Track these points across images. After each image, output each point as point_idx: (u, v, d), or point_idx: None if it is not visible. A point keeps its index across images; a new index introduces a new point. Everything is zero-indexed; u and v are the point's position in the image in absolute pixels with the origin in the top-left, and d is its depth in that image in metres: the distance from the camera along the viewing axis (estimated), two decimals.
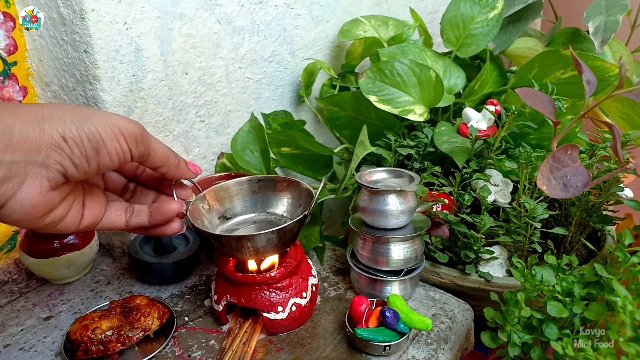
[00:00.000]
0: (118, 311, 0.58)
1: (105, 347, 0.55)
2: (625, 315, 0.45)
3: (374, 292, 0.66)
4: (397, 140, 0.79)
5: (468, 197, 0.69)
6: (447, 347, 0.60)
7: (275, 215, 0.67)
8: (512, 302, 0.52)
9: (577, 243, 0.75)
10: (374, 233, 0.64)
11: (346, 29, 0.98)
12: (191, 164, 0.51)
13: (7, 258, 0.75)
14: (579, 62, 0.53)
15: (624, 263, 0.51)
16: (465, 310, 0.66)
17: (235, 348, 0.58)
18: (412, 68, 0.81)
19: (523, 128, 0.75)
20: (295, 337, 0.61)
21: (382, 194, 0.62)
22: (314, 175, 0.89)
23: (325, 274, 0.74)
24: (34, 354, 0.58)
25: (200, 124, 0.80)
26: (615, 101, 0.80)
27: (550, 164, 0.47)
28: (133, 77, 0.68)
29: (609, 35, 0.84)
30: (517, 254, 0.71)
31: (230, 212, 0.67)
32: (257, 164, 0.80)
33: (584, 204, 0.71)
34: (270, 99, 0.93)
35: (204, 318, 0.64)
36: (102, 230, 0.48)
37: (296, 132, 0.81)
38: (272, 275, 0.58)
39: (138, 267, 0.70)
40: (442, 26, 0.94)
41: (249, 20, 0.83)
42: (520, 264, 0.55)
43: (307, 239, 0.73)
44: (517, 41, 0.94)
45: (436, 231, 0.73)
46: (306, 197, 0.63)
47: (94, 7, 0.61)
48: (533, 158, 0.66)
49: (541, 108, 0.52)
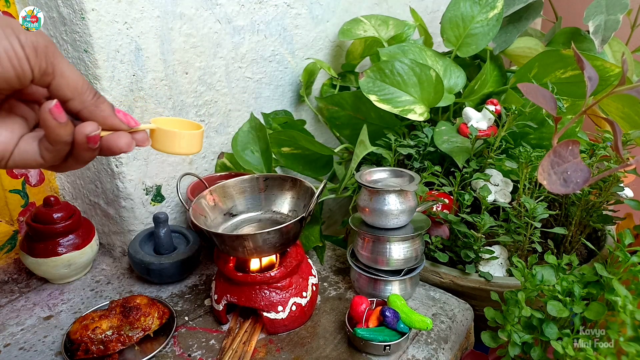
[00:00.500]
0: (118, 311, 0.58)
1: (105, 346, 0.55)
2: (625, 314, 0.45)
3: (374, 291, 0.66)
4: (397, 140, 0.79)
5: (468, 197, 0.69)
6: (447, 347, 0.60)
7: (280, 214, 0.67)
8: (512, 301, 0.52)
9: (577, 243, 0.75)
10: (374, 233, 0.64)
11: (346, 29, 0.98)
12: (122, 112, 0.40)
13: (7, 258, 0.75)
14: (580, 59, 0.53)
15: (624, 263, 0.51)
16: (465, 310, 0.66)
17: (236, 347, 0.58)
18: (413, 68, 0.81)
19: (523, 128, 0.75)
20: (296, 336, 0.61)
21: (382, 193, 0.62)
22: (314, 175, 0.89)
23: (325, 273, 0.74)
24: (34, 353, 0.58)
25: (201, 123, 0.80)
26: (615, 101, 0.80)
27: (551, 159, 0.47)
28: (133, 77, 0.68)
29: (609, 34, 0.84)
30: (517, 254, 0.71)
31: (236, 209, 0.67)
32: (258, 164, 0.80)
33: (584, 203, 0.71)
34: (270, 99, 0.93)
35: (204, 317, 0.64)
36: (16, 167, 0.38)
37: (296, 132, 0.81)
38: (272, 274, 0.58)
39: (138, 266, 0.70)
40: (442, 26, 0.94)
41: (249, 20, 0.83)
42: (521, 264, 0.55)
43: (307, 239, 0.73)
44: (517, 41, 0.94)
45: (436, 231, 0.73)
46: (310, 197, 0.63)
47: (94, 6, 0.61)
48: (533, 158, 0.66)
49: (542, 103, 0.52)
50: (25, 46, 0.33)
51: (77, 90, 0.36)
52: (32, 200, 0.77)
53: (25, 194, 0.76)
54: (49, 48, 0.34)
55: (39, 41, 0.33)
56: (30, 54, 0.33)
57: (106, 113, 0.38)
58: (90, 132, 0.36)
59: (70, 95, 0.36)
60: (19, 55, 0.33)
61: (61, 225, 0.68)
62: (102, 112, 0.38)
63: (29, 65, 0.33)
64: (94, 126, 0.37)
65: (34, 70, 0.34)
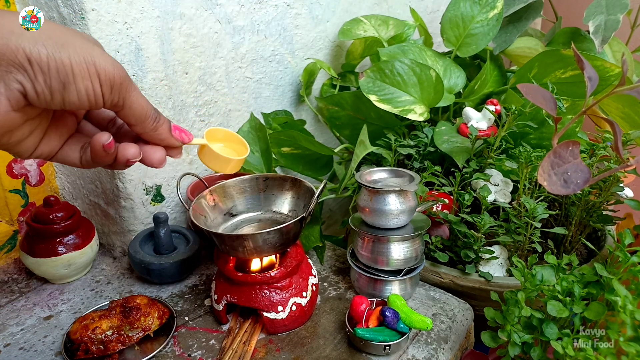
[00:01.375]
0: (118, 311, 0.58)
1: (105, 346, 0.55)
2: (625, 314, 0.45)
3: (374, 291, 0.66)
4: (397, 140, 0.79)
5: (468, 197, 0.69)
6: (447, 347, 0.60)
7: (280, 214, 0.67)
8: (512, 301, 0.52)
9: (577, 243, 0.75)
10: (374, 233, 0.64)
11: (346, 29, 0.98)
12: (178, 129, 0.45)
13: (7, 258, 0.75)
14: (580, 59, 0.53)
15: (624, 263, 0.51)
16: (465, 310, 0.66)
17: (236, 347, 0.58)
18: (413, 68, 0.81)
19: (523, 128, 0.75)
20: (296, 336, 0.61)
21: (382, 193, 0.62)
22: (314, 175, 0.89)
23: (326, 273, 0.74)
24: (34, 353, 0.58)
25: (201, 123, 0.80)
26: (615, 101, 0.80)
27: (551, 159, 0.47)
28: (133, 77, 0.68)
29: (610, 34, 0.84)
30: (517, 254, 0.71)
31: (236, 209, 0.67)
32: (258, 164, 0.80)
33: (584, 203, 0.71)
34: (270, 99, 0.93)
35: (204, 317, 0.64)
36: (57, 162, 0.43)
37: (296, 132, 0.81)
38: (272, 274, 0.58)
39: (138, 266, 0.70)
40: (442, 26, 0.94)
41: (249, 20, 0.83)
42: (521, 264, 0.55)
43: (307, 239, 0.73)
44: (517, 41, 0.94)
45: (436, 231, 0.73)
46: (310, 197, 0.63)
47: (94, 6, 0.61)
48: (533, 158, 0.66)
49: (542, 104, 0.52)
50: (104, 85, 0.36)
51: (140, 119, 0.40)
52: (32, 200, 0.77)
53: (25, 194, 0.76)
54: (124, 85, 0.37)
55: (115, 78, 0.36)
56: (106, 91, 0.36)
57: (163, 136, 0.43)
58: (132, 158, 0.41)
59: (133, 122, 0.40)
60: (96, 93, 0.36)
61: (61, 225, 0.68)
62: (160, 135, 0.43)
63: (102, 100, 0.37)
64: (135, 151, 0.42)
65: (106, 103, 0.37)
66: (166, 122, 0.43)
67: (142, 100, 0.40)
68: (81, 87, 0.35)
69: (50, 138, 0.40)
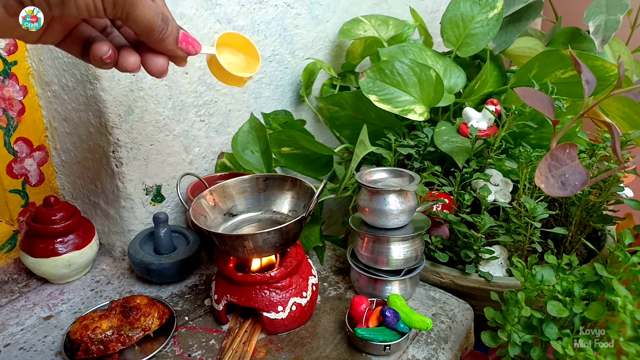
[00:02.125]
0: (118, 311, 0.58)
1: (105, 346, 0.55)
2: (625, 314, 0.45)
3: (374, 291, 0.66)
4: (397, 140, 0.79)
5: (468, 197, 0.69)
6: (447, 347, 0.60)
7: (280, 214, 0.67)
8: (512, 301, 0.52)
9: (577, 243, 0.75)
10: (374, 233, 0.64)
11: (346, 29, 0.98)
12: (185, 40, 0.44)
13: (7, 258, 0.75)
14: (578, 62, 0.53)
15: (624, 263, 0.51)
16: (465, 310, 0.66)
17: (236, 347, 0.58)
18: (413, 68, 0.81)
19: (523, 128, 0.75)
20: (296, 336, 0.61)
21: (382, 193, 0.62)
22: (314, 175, 0.89)
23: (325, 273, 0.74)
24: (34, 353, 0.58)
25: (201, 123, 0.80)
26: (615, 101, 0.80)
27: (548, 162, 0.47)
28: (133, 77, 0.68)
29: (610, 34, 0.84)
30: (517, 254, 0.71)
31: (236, 209, 0.67)
32: (258, 164, 0.80)
33: (584, 203, 0.71)
34: (270, 99, 0.93)
35: (204, 317, 0.64)
36: (61, 49, 0.44)
37: (296, 132, 0.81)
38: (272, 274, 0.58)
39: (138, 266, 0.70)
40: (442, 26, 0.94)
41: (249, 20, 0.83)
42: (521, 264, 0.55)
43: (307, 239, 0.73)
44: (517, 41, 0.94)
45: (436, 231, 0.73)
46: (310, 197, 0.63)
47: None
48: (533, 158, 0.66)
49: (540, 107, 0.52)
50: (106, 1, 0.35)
51: (146, 31, 0.40)
52: (32, 200, 0.77)
53: (25, 194, 0.76)
54: (128, 0, 0.37)
55: None
56: (108, 7, 0.36)
57: (169, 47, 0.43)
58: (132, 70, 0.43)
59: (138, 33, 0.40)
60: (97, 9, 0.36)
61: (61, 225, 0.68)
62: (166, 46, 0.42)
63: (104, 14, 0.36)
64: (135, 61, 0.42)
65: (107, 17, 0.37)
66: (173, 33, 0.42)
67: (148, 12, 0.39)
68: (81, 3, 0.35)
69: (54, 29, 0.41)
